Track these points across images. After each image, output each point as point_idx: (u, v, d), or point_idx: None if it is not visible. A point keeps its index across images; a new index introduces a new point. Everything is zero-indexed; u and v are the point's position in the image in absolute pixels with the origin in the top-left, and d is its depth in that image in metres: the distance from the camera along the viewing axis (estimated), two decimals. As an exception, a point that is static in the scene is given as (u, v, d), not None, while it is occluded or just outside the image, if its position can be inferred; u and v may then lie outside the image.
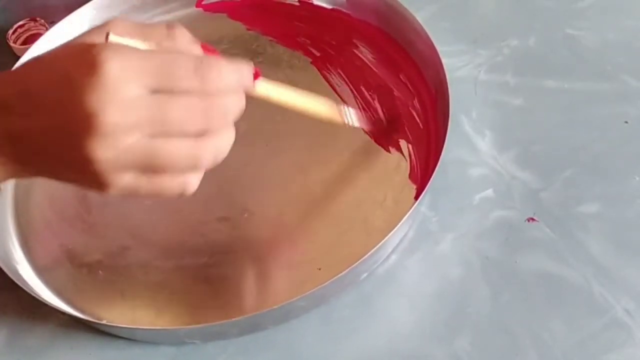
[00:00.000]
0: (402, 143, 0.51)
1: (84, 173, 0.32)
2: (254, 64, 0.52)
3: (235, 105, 0.34)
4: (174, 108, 0.32)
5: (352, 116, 0.48)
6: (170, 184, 0.34)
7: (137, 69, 0.31)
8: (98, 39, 0.33)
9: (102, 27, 0.34)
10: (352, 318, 0.44)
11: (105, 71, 0.30)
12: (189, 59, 0.33)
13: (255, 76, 0.37)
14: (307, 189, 0.50)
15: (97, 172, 0.32)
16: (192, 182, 0.34)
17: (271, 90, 0.39)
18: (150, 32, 0.34)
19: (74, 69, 0.31)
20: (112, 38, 0.33)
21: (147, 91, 0.31)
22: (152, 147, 0.32)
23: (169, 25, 0.35)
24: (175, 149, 0.32)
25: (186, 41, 0.35)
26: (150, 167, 0.32)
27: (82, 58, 0.31)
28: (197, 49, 0.36)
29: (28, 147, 0.33)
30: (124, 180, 0.32)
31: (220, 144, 0.34)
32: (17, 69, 0.34)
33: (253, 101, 0.55)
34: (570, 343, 0.41)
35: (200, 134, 0.33)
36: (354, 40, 0.58)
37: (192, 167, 0.34)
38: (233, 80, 0.34)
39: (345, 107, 0.48)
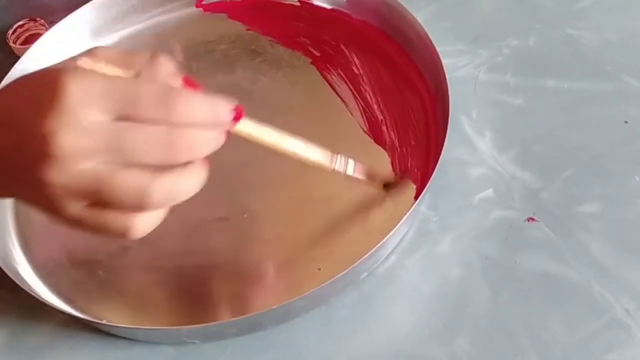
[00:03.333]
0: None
1: (39, 195, 0.31)
2: (254, 64, 0.52)
3: (205, 142, 0.32)
4: (133, 137, 0.30)
5: (348, 166, 0.44)
6: (114, 220, 0.32)
7: (99, 93, 0.30)
8: (72, 64, 0.32)
9: (82, 54, 0.33)
10: (352, 318, 0.44)
11: (66, 93, 0.30)
12: (156, 88, 0.31)
13: (238, 115, 0.34)
14: (307, 189, 0.50)
15: (49, 195, 0.31)
16: (139, 224, 0.32)
17: (257, 131, 0.37)
18: (132, 60, 0.33)
19: (38, 91, 0.31)
20: (83, 63, 0.32)
21: (109, 117, 0.30)
22: (104, 176, 0.30)
23: (153, 55, 0.34)
24: (126, 179, 0.31)
25: (167, 72, 0.33)
26: (99, 197, 0.31)
27: (48, 80, 0.30)
28: (177, 81, 0.34)
29: None
30: (73, 208, 0.31)
31: (180, 182, 0.32)
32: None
33: (253, 102, 0.55)
34: (570, 343, 0.41)
35: (162, 169, 0.31)
36: (354, 41, 0.58)
37: (140, 203, 0.31)
38: (204, 115, 0.32)
39: (340, 156, 0.43)
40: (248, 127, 0.36)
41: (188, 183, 0.33)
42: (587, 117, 0.51)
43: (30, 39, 0.63)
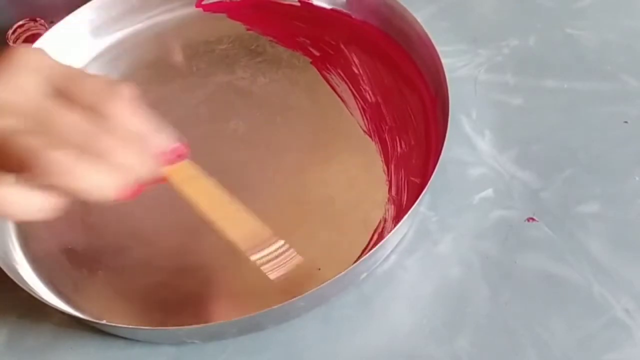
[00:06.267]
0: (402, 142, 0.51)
1: None
2: (254, 64, 0.52)
3: (129, 154, 0.32)
4: (61, 113, 0.31)
5: (280, 253, 0.41)
6: None
7: (44, 67, 0.31)
8: None
9: None
10: (352, 318, 0.44)
11: (13, 55, 0.31)
12: (104, 80, 0.31)
13: (180, 156, 0.33)
14: (307, 189, 0.50)
15: None
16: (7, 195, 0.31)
17: (192, 182, 0.35)
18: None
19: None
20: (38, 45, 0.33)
21: (46, 90, 0.31)
22: (7, 135, 0.30)
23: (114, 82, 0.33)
24: (26, 139, 0.30)
25: (127, 99, 0.32)
26: None
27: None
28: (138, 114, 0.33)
29: None
30: None
31: (78, 167, 0.30)
32: None
33: (252, 101, 0.55)
34: (570, 343, 0.41)
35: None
36: (354, 41, 0.58)
37: (28, 158, 0.29)
38: (139, 125, 0.32)
39: (281, 241, 0.41)
40: (185, 174, 0.34)
41: (88, 176, 0.31)
42: (587, 117, 0.51)
43: (30, 39, 0.62)
